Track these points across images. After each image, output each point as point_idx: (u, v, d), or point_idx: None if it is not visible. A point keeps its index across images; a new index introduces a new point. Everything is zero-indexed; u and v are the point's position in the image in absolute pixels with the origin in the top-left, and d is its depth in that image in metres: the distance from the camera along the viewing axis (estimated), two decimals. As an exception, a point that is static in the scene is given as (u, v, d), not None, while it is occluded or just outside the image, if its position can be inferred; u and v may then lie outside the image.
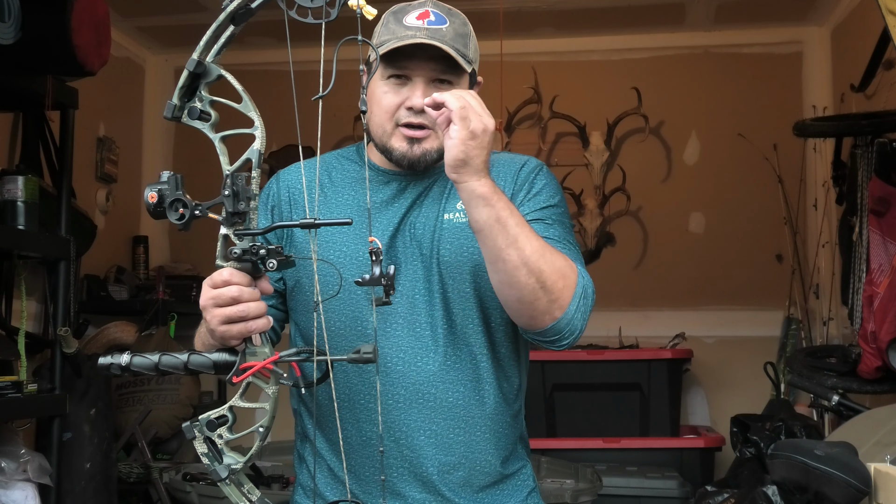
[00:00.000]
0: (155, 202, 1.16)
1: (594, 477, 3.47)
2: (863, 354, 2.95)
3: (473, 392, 1.51)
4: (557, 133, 4.85)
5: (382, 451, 1.47)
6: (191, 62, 1.17)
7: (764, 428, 3.04)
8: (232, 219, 1.16)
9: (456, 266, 1.50)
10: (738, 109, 4.70)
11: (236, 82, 1.17)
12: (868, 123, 3.46)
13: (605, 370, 4.08)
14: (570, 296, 1.39)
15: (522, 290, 1.36)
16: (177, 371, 1.23)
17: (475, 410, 1.51)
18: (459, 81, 1.50)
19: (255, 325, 1.20)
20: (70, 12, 2.84)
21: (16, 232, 2.85)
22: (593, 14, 4.59)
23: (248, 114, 1.18)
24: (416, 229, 1.52)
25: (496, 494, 1.55)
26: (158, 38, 4.87)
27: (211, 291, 1.21)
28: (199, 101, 1.19)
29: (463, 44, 1.49)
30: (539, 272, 1.35)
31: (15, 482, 2.75)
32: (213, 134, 1.19)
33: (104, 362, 1.23)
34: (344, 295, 1.47)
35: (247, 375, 1.19)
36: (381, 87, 1.50)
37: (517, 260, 1.35)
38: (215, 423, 1.20)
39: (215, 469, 1.20)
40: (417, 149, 1.50)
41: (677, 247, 4.76)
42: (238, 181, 1.16)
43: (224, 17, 1.17)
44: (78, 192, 3.69)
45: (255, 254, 1.18)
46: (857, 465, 1.96)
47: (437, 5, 1.51)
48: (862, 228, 3.35)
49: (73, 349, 3.07)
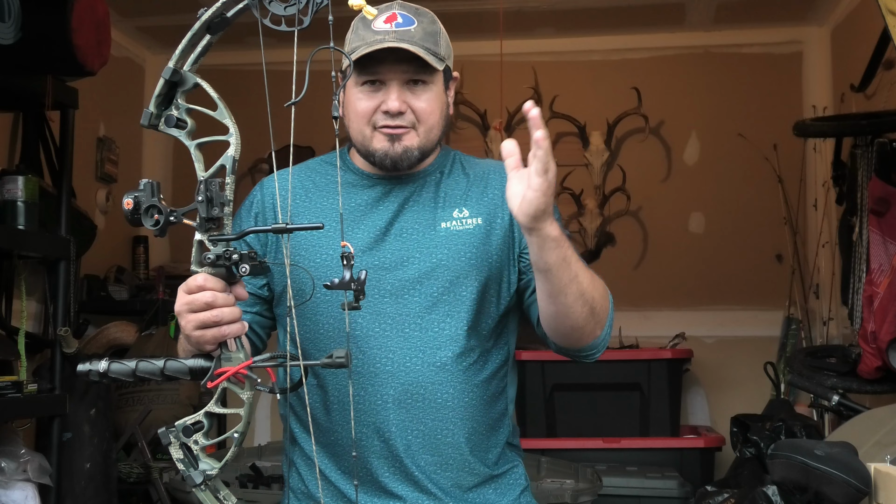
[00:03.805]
0: (131, 209, 1.18)
1: (594, 477, 3.47)
2: (863, 354, 2.95)
3: (462, 393, 1.52)
4: (557, 133, 4.85)
5: (355, 455, 1.48)
6: (167, 71, 1.19)
7: (764, 428, 3.04)
8: (206, 224, 1.18)
9: (454, 272, 1.52)
10: (738, 109, 4.70)
11: (212, 90, 1.18)
12: (868, 123, 3.45)
13: (605, 370, 4.08)
14: (607, 317, 1.48)
15: (577, 319, 1.42)
16: (153, 377, 1.24)
17: (463, 412, 1.52)
18: (433, 79, 1.52)
19: (230, 330, 1.21)
20: (70, 12, 2.84)
21: (16, 232, 2.85)
22: (593, 14, 4.59)
23: (223, 121, 1.19)
24: (407, 233, 1.53)
25: (487, 494, 1.56)
26: (158, 38, 4.87)
27: (185, 297, 1.22)
28: (175, 109, 1.21)
29: (433, 42, 1.50)
30: (592, 301, 1.41)
31: (15, 482, 2.75)
32: (189, 141, 1.21)
33: (83, 369, 1.24)
34: (331, 298, 1.48)
35: (220, 380, 1.20)
36: (356, 93, 1.51)
37: (576, 293, 1.39)
38: (191, 429, 1.21)
39: (190, 475, 1.20)
40: (398, 146, 1.51)
41: (677, 247, 4.76)
42: (212, 187, 1.17)
43: (199, 26, 1.19)
44: (78, 192, 3.69)
45: (229, 259, 1.19)
46: (857, 465, 1.96)
47: (403, 6, 1.52)
48: (862, 228, 3.35)
49: (73, 349, 3.07)
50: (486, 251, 1.54)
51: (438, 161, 1.61)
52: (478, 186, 1.59)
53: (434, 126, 1.54)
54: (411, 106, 1.50)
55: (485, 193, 1.58)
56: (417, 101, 1.51)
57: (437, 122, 1.54)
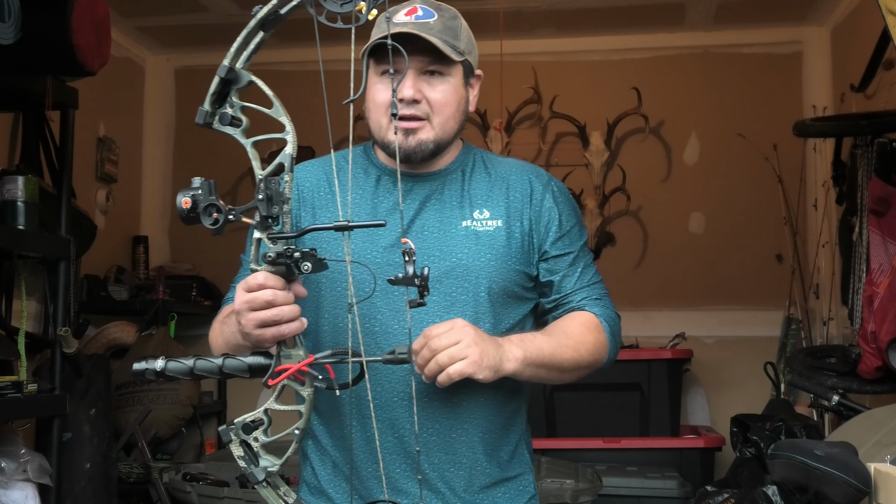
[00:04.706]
0: (188, 208, 1.17)
1: (594, 477, 3.47)
2: (863, 354, 2.95)
3: (477, 393, 1.52)
4: (557, 133, 4.85)
5: (418, 449, 1.50)
6: (222, 69, 1.18)
7: (764, 428, 3.04)
8: (265, 222, 1.17)
9: (473, 272, 1.53)
10: (738, 109, 4.70)
11: (267, 88, 1.18)
12: (868, 123, 3.45)
13: (605, 370, 4.08)
14: (606, 353, 1.60)
15: (569, 380, 1.59)
16: (212, 375, 1.24)
17: (477, 411, 1.53)
18: (450, 72, 1.53)
19: (289, 329, 1.22)
20: (70, 12, 2.84)
21: (16, 232, 2.85)
22: (593, 14, 4.59)
23: (279, 119, 1.19)
24: (427, 231, 1.54)
25: (497, 496, 1.56)
26: (158, 38, 4.87)
27: (245, 295, 1.22)
28: (230, 106, 1.20)
29: (452, 35, 1.51)
30: (577, 366, 1.55)
31: (15, 482, 2.75)
32: (245, 139, 1.20)
33: (139, 368, 1.24)
34: (356, 293, 1.48)
35: (282, 378, 1.20)
36: (375, 83, 1.53)
37: (557, 377, 1.55)
38: (251, 427, 1.22)
39: (252, 472, 1.21)
40: (412, 139, 1.51)
41: (677, 247, 4.76)
42: (272, 185, 1.16)
43: (254, 24, 1.18)
44: (78, 192, 3.69)
45: (290, 257, 1.19)
46: (857, 465, 1.96)
47: (425, 1, 1.54)
48: (862, 228, 3.35)
49: (73, 349, 3.07)
50: (506, 253, 1.55)
51: (460, 159, 1.62)
52: (499, 188, 1.59)
53: (449, 118, 1.54)
54: (426, 96, 1.51)
55: (506, 196, 1.59)
56: (433, 91, 1.51)
57: (453, 114, 1.54)
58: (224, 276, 4.96)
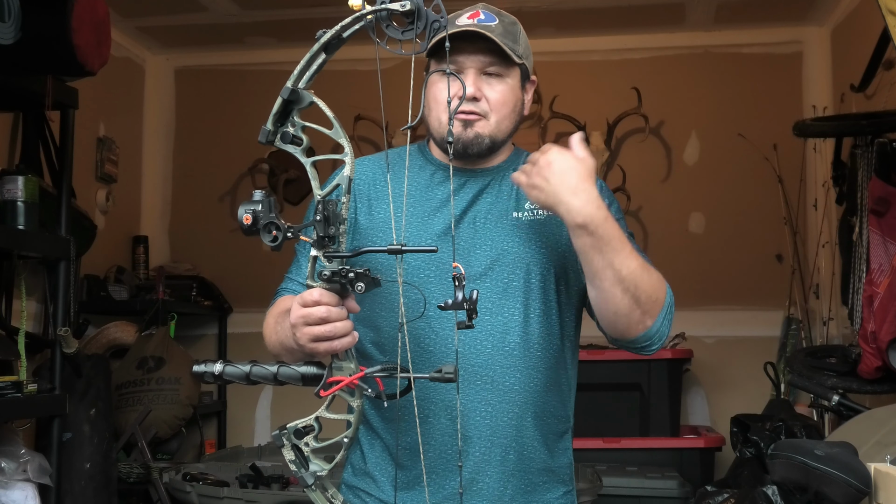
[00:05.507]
0: (249, 224, 1.23)
1: (594, 477, 3.47)
2: (863, 354, 2.95)
3: (528, 378, 1.57)
4: (557, 133, 4.85)
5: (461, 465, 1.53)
6: (285, 90, 1.23)
7: (764, 428, 3.04)
8: (322, 241, 1.22)
9: (524, 260, 1.58)
10: (738, 109, 4.70)
11: (328, 109, 1.22)
12: (868, 123, 3.45)
13: (605, 370, 4.08)
14: (660, 309, 1.50)
15: (618, 305, 1.47)
16: (266, 382, 1.30)
17: (528, 396, 1.58)
18: (508, 73, 1.60)
19: (341, 344, 1.27)
20: (70, 12, 2.84)
21: (16, 232, 2.85)
22: (593, 14, 4.59)
23: (339, 140, 1.24)
24: (480, 221, 1.59)
25: (539, 484, 1.62)
26: (158, 38, 4.87)
27: (301, 310, 1.28)
28: (291, 126, 1.25)
29: (512, 39, 1.58)
30: (634, 289, 1.46)
31: (15, 482, 2.75)
32: (305, 158, 1.25)
33: (198, 370, 1.31)
34: (406, 301, 1.51)
35: (334, 390, 1.26)
36: (437, 83, 1.58)
37: (613, 279, 1.45)
38: (302, 432, 1.28)
39: (302, 475, 1.27)
40: (470, 131, 1.57)
41: (677, 247, 4.76)
42: (329, 206, 1.22)
43: (318, 48, 1.23)
44: (78, 192, 3.69)
45: (344, 276, 1.24)
46: (857, 465, 1.96)
47: (488, 7, 1.61)
48: (862, 228, 3.35)
49: (73, 349, 3.07)
50: (557, 241, 1.59)
51: (511, 159, 1.68)
52: None
53: (505, 118, 1.60)
54: (485, 95, 1.57)
55: None
56: (491, 91, 1.58)
57: (509, 114, 1.61)
58: (224, 275, 4.97)
